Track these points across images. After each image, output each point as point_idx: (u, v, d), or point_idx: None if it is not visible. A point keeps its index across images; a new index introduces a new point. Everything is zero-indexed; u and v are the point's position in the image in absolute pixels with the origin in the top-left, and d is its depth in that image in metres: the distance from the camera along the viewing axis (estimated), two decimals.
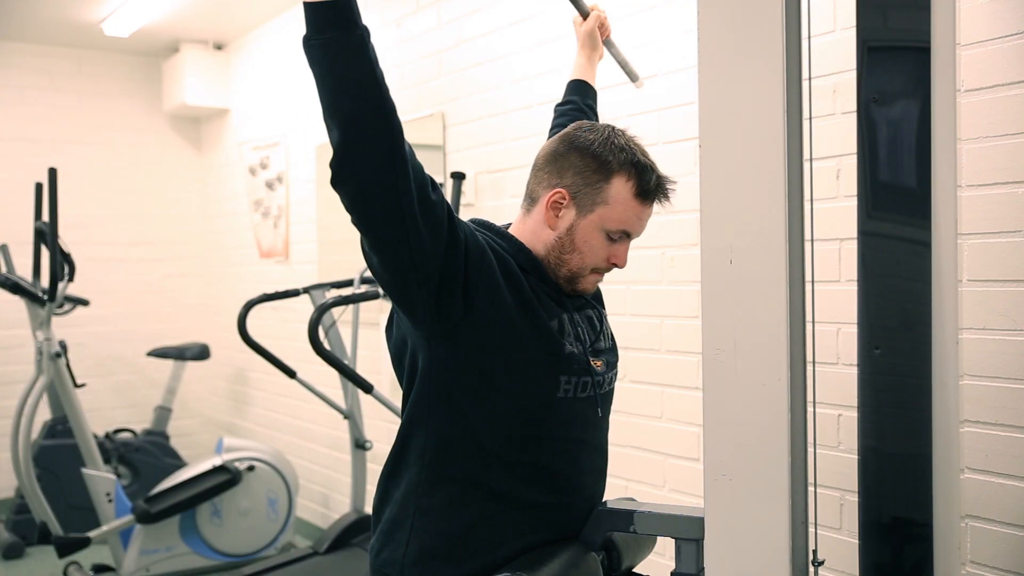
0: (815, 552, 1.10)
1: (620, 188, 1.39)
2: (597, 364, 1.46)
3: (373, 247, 1.26)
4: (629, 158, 1.40)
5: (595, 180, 1.40)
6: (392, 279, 1.28)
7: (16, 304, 4.17)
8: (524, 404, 1.37)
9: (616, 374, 1.54)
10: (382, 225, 1.22)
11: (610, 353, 1.53)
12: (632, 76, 2.02)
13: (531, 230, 1.45)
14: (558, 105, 1.93)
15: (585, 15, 1.93)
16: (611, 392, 1.52)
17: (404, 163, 1.20)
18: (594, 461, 1.48)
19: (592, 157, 1.40)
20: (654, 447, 2.51)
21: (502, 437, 1.36)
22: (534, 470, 1.39)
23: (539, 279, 1.43)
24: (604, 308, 1.60)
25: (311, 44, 1.18)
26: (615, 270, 1.48)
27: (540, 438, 1.38)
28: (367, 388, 2.96)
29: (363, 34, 1.19)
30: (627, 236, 1.44)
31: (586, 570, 1.38)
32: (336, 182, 1.21)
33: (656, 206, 1.45)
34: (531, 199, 1.47)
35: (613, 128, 1.44)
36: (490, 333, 1.33)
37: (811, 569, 1.08)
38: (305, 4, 1.18)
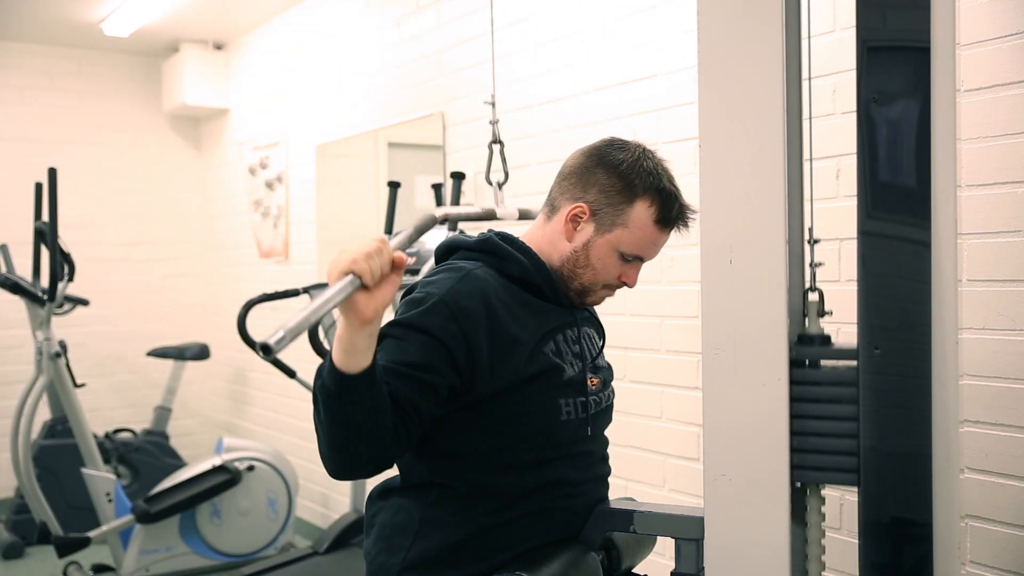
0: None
1: (641, 212, 1.39)
2: (594, 382, 1.45)
3: None
4: (655, 183, 1.39)
5: (618, 201, 1.39)
6: None
7: (16, 304, 4.16)
8: (527, 433, 1.37)
9: (613, 392, 1.54)
10: None
11: (607, 372, 1.53)
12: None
13: (548, 239, 1.45)
14: None
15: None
16: (609, 407, 1.52)
17: (397, 456, 1.26)
18: (596, 470, 1.48)
19: (618, 177, 1.39)
20: (654, 447, 2.51)
21: (506, 465, 1.37)
22: (540, 486, 1.39)
23: (550, 290, 1.43)
24: (603, 336, 1.60)
25: (330, 402, 1.15)
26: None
27: (544, 460, 1.39)
28: None
29: (380, 392, 1.17)
30: (640, 259, 1.44)
31: (586, 570, 1.38)
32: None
33: (674, 232, 1.45)
34: (552, 207, 1.46)
35: (644, 149, 1.43)
36: (494, 391, 1.33)
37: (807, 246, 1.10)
38: (332, 366, 1.13)
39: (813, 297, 1.11)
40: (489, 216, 1.67)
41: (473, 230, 2.05)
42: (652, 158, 1.42)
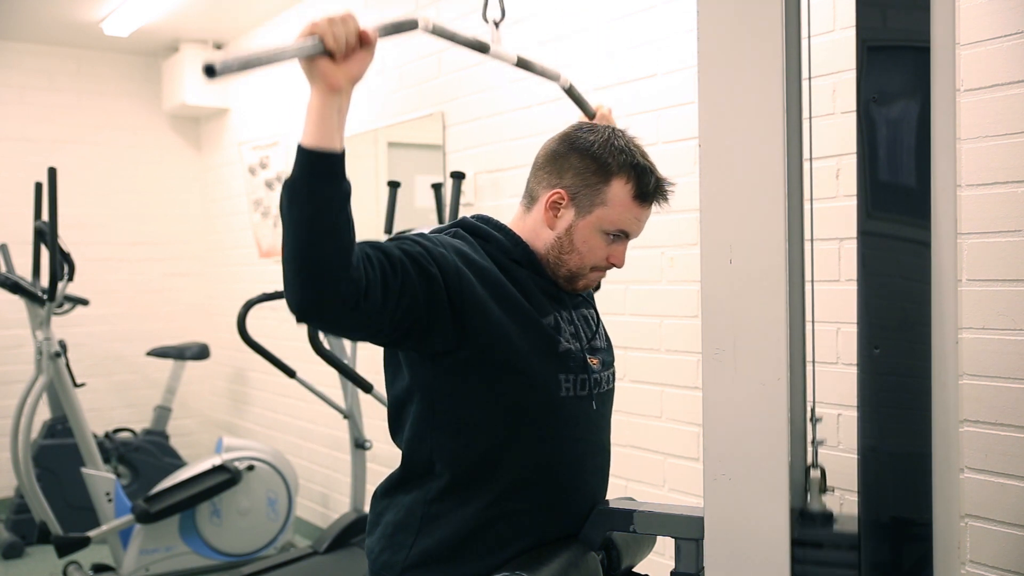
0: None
1: (619, 190, 1.39)
2: (594, 362, 1.46)
3: (356, 340, 1.29)
4: (628, 160, 1.40)
5: (594, 181, 1.40)
6: (381, 346, 1.38)
7: (16, 304, 4.16)
8: (527, 406, 1.37)
9: (614, 373, 1.54)
10: (358, 337, 1.35)
11: (606, 353, 1.53)
12: None
13: (530, 228, 1.45)
14: None
15: (591, 116, 1.84)
16: (611, 391, 1.52)
17: (368, 300, 1.18)
18: (596, 461, 1.48)
19: (592, 158, 1.40)
20: (654, 447, 2.51)
21: (507, 441, 1.37)
22: (539, 472, 1.39)
23: (535, 274, 1.44)
24: (596, 309, 1.60)
25: (297, 189, 1.13)
26: (615, 269, 1.49)
27: (544, 439, 1.39)
28: (367, 388, 2.96)
29: (348, 187, 1.16)
30: (625, 236, 1.44)
31: (586, 570, 1.38)
32: (301, 321, 1.19)
33: (655, 207, 1.45)
34: (530, 198, 1.47)
35: (613, 129, 1.44)
36: (487, 346, 1.33)
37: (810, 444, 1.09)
38: (300, 148, 1.13)
39: (815, 474, 1.10)
40: (482, 48, 1.54)
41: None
42: (623, 136, 1.43)
